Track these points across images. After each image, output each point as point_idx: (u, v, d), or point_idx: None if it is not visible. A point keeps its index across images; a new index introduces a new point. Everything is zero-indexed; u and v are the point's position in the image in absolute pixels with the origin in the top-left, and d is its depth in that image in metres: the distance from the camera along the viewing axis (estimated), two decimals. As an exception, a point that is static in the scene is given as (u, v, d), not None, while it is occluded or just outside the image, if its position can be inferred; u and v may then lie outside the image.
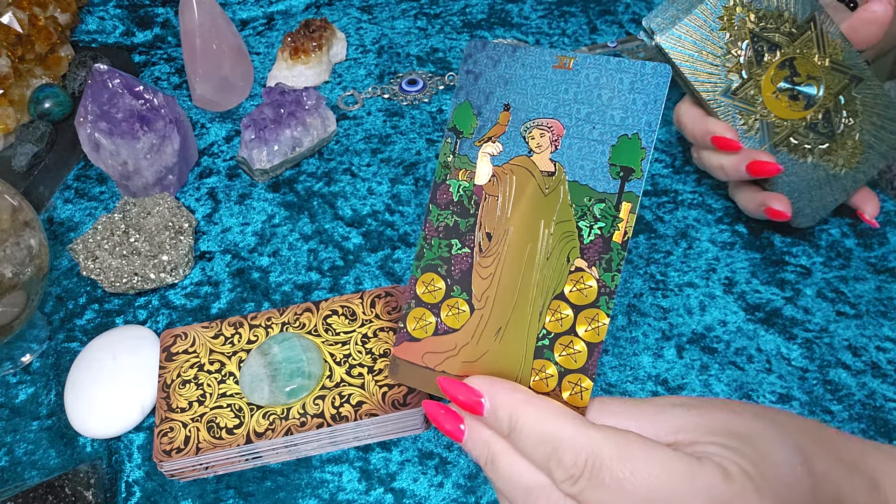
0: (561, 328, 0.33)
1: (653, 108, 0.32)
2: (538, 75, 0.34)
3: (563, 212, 0.33)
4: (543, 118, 0.34)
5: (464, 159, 0.35)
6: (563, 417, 0.29)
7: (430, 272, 0.35)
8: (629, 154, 0.32)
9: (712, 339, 0.52)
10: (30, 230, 0.48)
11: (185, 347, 0.50)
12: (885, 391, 0.49)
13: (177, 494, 0.47)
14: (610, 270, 0.32)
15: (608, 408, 0.31)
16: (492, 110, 0.35)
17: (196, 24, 0.67)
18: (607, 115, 0.33)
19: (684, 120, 0.53)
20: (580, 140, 0.33)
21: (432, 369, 0.35)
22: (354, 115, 0.69)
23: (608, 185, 0.32)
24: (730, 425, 0.30)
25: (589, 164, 0.33)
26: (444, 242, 0.35)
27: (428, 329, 0.35)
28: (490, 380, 0.32)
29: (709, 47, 0.49)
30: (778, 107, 0.51)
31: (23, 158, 0.62)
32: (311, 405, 0.46)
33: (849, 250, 0.56)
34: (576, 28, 0.76)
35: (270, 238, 0.61)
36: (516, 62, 0.34)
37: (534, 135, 0.34)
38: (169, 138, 0.60)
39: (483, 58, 0.35)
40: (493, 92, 0.35)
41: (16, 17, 0.65)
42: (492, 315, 0.34)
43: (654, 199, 0.60)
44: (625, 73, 0.32)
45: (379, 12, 0.80)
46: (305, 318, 0.51)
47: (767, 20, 0.50)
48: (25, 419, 0.51)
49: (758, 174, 0.50)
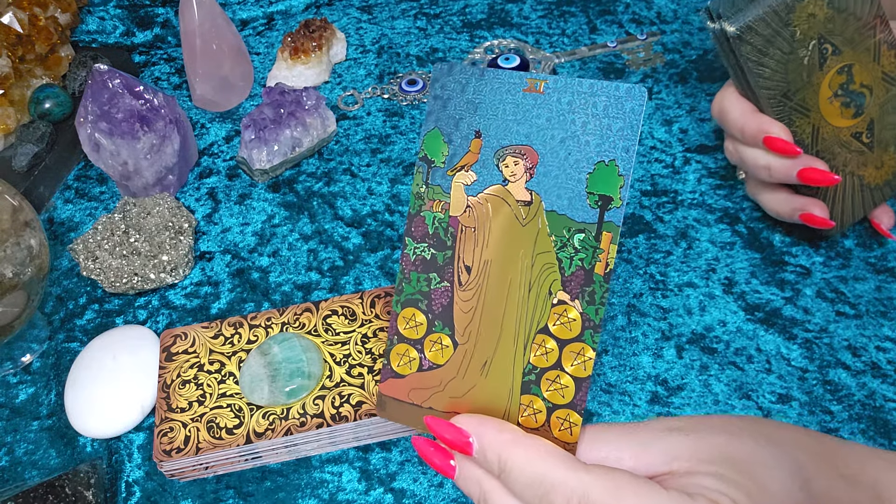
0: (547, 363, 0.32)
1: (629, 134, 0.31)
2: (508, 100, 0.32)
3: (543, 243, 0.32)
4: (516, 145, 0.32)
5: (437, 189, 0.34)
6: (553, 458, 0.29)
7: (410, 307, 0.34)
8: (607, 182, 0.31)
9: (712, 339, 0.52)
10: (30, 230, 0.48)
11: (184, 347, 0.50)
12: (884, 391, 0.49)
13: (177, 494, 0.47)
14: (594, 303, 0.31)
15: (601, 436, 0.31)
16: (462, 137, 0.33)
17: (196, 25, 0.67)
18: (582, 140, 0.31)
19: (732, 113, 0.50)
20: (556, 168, 0.32)
21: (419, 406, 0.34)
22: (354, 115, 0.69)
23: (587, 215, 0.31)
24: (727, 451, 0.29)
25: (566, 192, 0.31)
26: (423, 276, 0.34)
27: (412, 365, 0.34)
28: (478, 419, 0.31)
29: (778, 43, 0.47)
30: (831, 113, 0.49)
31: (23, 158, 0.62)
32: (311, 405, 0.46)
33: (848, 250, 0.56)
34: (576, 28, 0.76)
35: (270, 238, 0.61)
36: (485, 86, 0.33)
37: (507, 163, 0.32)
38: (169, 138, 0.60)
39: (451, 82, 0.33)
40: (462, 118, 0.33)
41: (16, 17, 0.65)
42: (476, 350, 0.33)
43: (653, 199, 0.61)
44: (598, 96, 0.31)
45: (379, 12, 0.80)
46: (305, 319, 0.51)
47: (836, 22, 0.48)
48: (26, 419, 0.51)
49: (811, 182, 0.48)
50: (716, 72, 0.70)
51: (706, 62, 0.71)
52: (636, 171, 0.63)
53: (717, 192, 0.61)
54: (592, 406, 0.49)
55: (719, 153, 0.63)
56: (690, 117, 0.66)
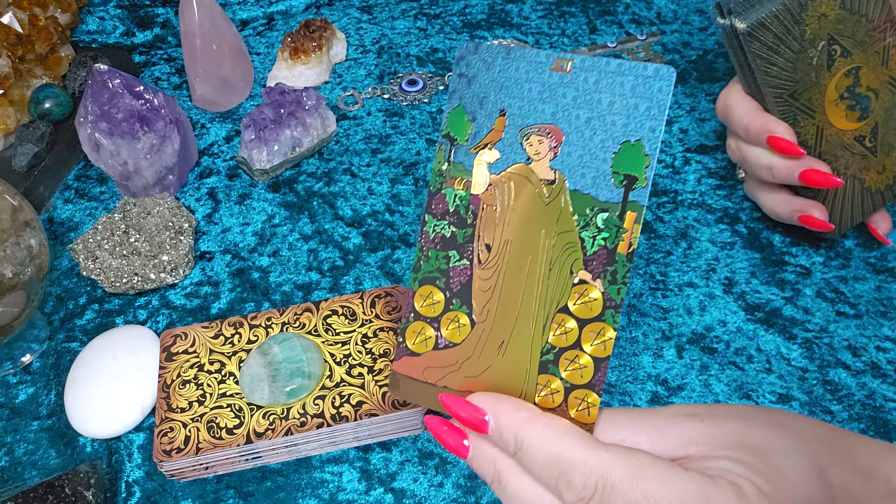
0: (566, 342, 0.32)
1: (657, 113, 0.31)
2: (534, 79, 0.32)
3: (565, 222, 0.32)
4: (541, 124, 0.32)
5: (459, 167, 0.34)
6: (571, 437, 0.29)
7: (428, 285, 0.34)
8: (632, 161, 0.31)
9: (712, 339, 0.52)
10: (30, 230, 0.48)
11: (185, 347, 0.50)
12: (885, 391, 0.49)
13: (177, 494, 0.47)
14: (615, 283, 0.31)
15: (617, 421, 0.30)
16: (487, 116, 0.33)
17: (196, 25, 0.67)
18: (608, 120, 0.31)
19: (736, 110, 0.49)
20: (580, 147, 0.32)
21: (433, 384, 0.34)
22: (354, 115, 0.69)
23: (611, 194, 0.31)
24: (743, 437, 0.29)
25: (590, 171, 0.31)
26: (442, 254, 0.34)
27: (428, 343, 0.34)
28: (494, 397, 0.31)
29: (788, 42, 0.46)
30: (836, 115, 0.49)
31: (23, 158, 0.62)
32: (311, 405, 0.46)
33: (848, 250, 0.56)
34: (575, 28, 0.76)
35: (270, 238, 0.61)
36: (511, 65, 0.33)
37: (532, 141, 0.32)
38: (169, 138, 0.60)
39: (476, 60, 0.33)
40: (487, 96, 0.33)
41: (16, 17, 0.65)
42: (493, 329, 0.33)
43: (653, 199, 0.61)
44: (626, 75, 0.31)
45: (379, 12, 0.80)
46: (305, 318, 0.51)
47: (846, 23, 0.48)
48: (25, 419, 0.51)
49: (813, 184, 0.48)
50: (716, 72, 0.70)
51: (706, 62, 0.71)
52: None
53: (717, 192, 0.61)
54: (593, 406, 0.49)
55: (719, 153, 0.63)
56: (690, 117, 0.66)
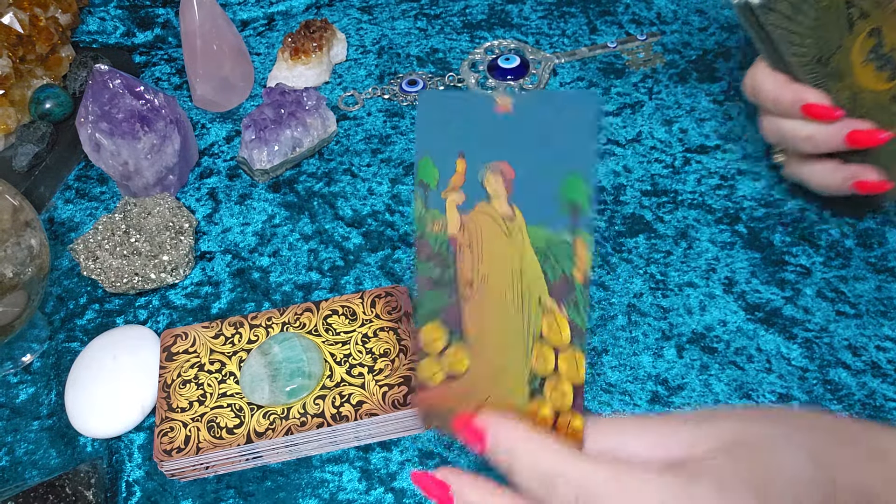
0: (546, 370, 0.33)
1: (587, 139, 0.32)
2: (483, 120, 0.33)
3: (527, 255, 0.33)
4: (494, 162, 0.34)
5: (434, 212, 0.35)
6: (560, 454, 0.30)
7: (430, 322, 0.35)
8: (575, 190, 0.32)
9: (712, 338, 0.52)
10: (30, 230, 0.49)
11: (185, 347, 0.50)
12: (885, 391, 0.49)
13: (177, 494, 0.47)
14: (578, 311, 0.32)
15: (613, 427, 0.32)
16: (449, 160, 0.34)
17: (196, 25, 0.67)
18: (549, 151, 0.32)
19: (765, 85, 0.48)
20: (530, 181, 0.33)
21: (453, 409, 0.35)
22: (354, 115, 0.70)
23: (562, 224, 0.32)
24: (735, 434, 0.30)
25: (543, 204, 0.33)
26: (436, 294, 0.35)
27: (436, 378, 0.35)
28: (496, 415, 0.33)
29: (804, 9, 0.46)
30: (867, 76, 0.48)
31: (23, 158, 0.62)
32: (312, 405, 0.46)
33: (849, 250, 0.56)
34: (576, 28, 0.76)
35: (271, 238, 0.61)
36: (463, 109, 0.34)
37: (489, 180, 0.34)
38: (169, 138, 0.60)
39: (434, 108, 0.35)
40: (447, 141, 0.34)
41: (16, 17, 0.65)
42: (487, 361, 0.34)
43: (654, 199, 0.61)
44: (554, 105, 0.32)
45: (379, 13, 0.80)
46: (306, 318, 0.51)
47: None
48: (26, 419, 0.51)
49: (860, 143, 0.46)
50: (716, 72, 0.70)
51: (706, 62, 0.71)
52: (636, 171, 0.63)
53: (717, 192, 0.61)
54: (593, 406, 0.49)
55: (719, 153, 0.63)
56: (690, 117, 0.66)
